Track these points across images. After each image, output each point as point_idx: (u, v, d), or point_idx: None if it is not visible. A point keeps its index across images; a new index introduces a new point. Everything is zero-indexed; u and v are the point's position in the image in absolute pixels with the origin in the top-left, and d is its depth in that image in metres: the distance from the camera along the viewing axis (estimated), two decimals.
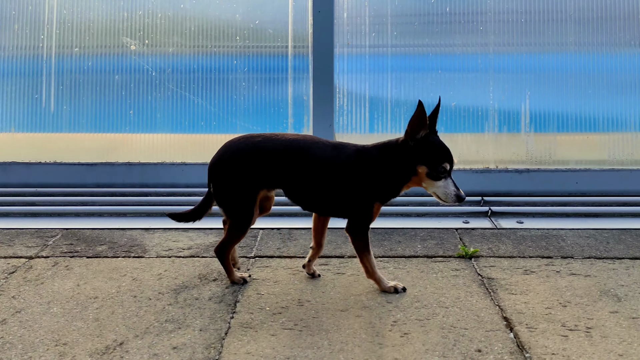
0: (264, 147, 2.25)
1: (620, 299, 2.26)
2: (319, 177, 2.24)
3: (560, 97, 3.46)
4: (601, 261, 2.64)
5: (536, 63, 3.47)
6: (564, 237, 2.94)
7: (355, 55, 3.47)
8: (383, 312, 2.14)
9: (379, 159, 2.24)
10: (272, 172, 2.24)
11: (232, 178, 2.24)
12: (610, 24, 3.45)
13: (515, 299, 2.26)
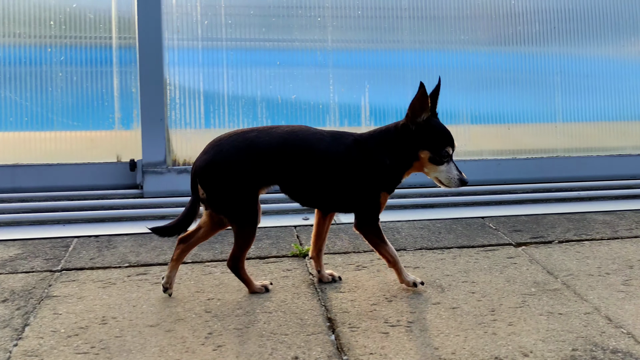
0: (259, 143, 2.06)
1: (444, 289, 2.27)
2: (321, 170, 2.09)
3: (399, 91, 3.50)
4: (431, 252, 2.66)
5: (375, 58, 3.48)
6: (400, 229, 2.95)
7: (187, 48, 3.24)
8: (199, 324, 1.95)
9: (379, 147, 2.12)
10: (270, 168, 2.07)
11: (230, 181, 2.03)
12: (443, 22, 3.55)
13: (342, 298, 2.18)
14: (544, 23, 3.65)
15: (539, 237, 2.84)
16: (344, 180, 2.12)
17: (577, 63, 3.71)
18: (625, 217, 3.14)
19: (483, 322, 2.01)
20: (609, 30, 3.74)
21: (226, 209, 2.07)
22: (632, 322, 2.02)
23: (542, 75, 3.66)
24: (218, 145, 2.07)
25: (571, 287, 2.31)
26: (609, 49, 3.76)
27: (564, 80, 3.68)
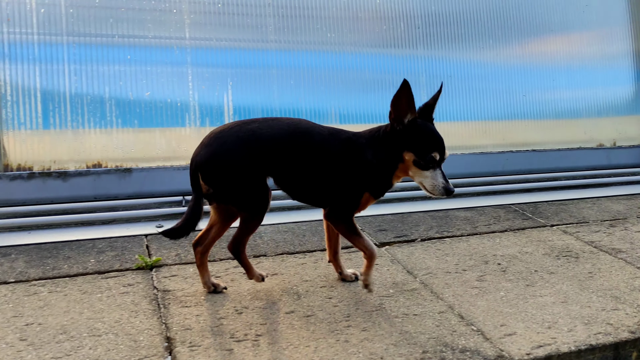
0: (261, 134, 2.01)
1: (301, 296, 2.14)
2: (316, 165, 2.05)
3: (264, 91, 3.35)
4: (293, 256, 2.53)
5: (238, 57, 3.30)
6: (263, 233, 2.80)
7: (21, 41, 2.87)
8: (8, 357, 1.66)
9: (368, 145, 2.07)
10: (269, 159, 2.02)
11: (236, 171, 1.97)
12: (309, 22, 3.45)
13: (187, 313, 1.98)
14: (409, 26, 3.67)
15: (403, 235, 2.81)
16: (333, 176, 2.07)
17: (441, 65, 3.78)
18: (484, 213, 3.21)
19: (337, 329, 1.90)
20: (470, 34, 3.85)
21: (235, 199, 2.01)
22: (482, 319, 2.00)
23: (408, 76, 3.68)
24: (219, 138, 2.01)
25: (429, 286, 2.27)
26: (470, 52, 3.87)
27: (429, 81, 3.73)
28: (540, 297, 2.20)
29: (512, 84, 3.97)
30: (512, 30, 3.97)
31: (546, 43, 4.10)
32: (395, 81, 3.64)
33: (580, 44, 4.19)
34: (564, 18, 4.12)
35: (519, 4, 3.98)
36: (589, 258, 2.60)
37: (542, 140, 4.03)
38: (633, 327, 1.98)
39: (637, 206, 3.43)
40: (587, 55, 4.22)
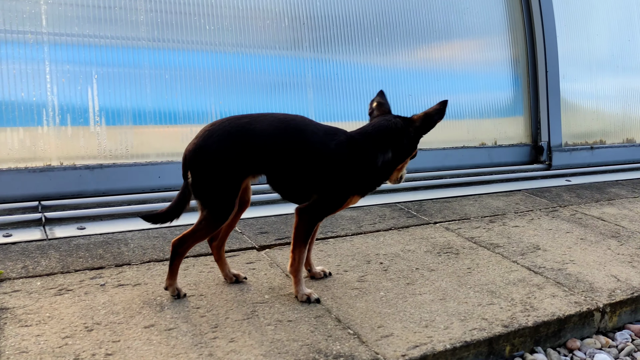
0: (253, 130, 1.96)
1: (164, 308, 1.93)
2: (309, 163, 1.98)
3: (134, 91, 3.08)
4: (161, 264, 2.31)
5: (101, 56, 3.01)
6: (129, 240, 2.55)
7: None
8: None
9: (372, 147, 2.04)
10: (261, 156, 1.97)
11: (217, 166, 1.93)
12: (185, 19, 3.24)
13: (26, 333, 1.71)
14: (296, 27, 3.56)
15: (285, 237, 2.67)
16: (325, 176, 2.00)
17: (329, 67, 3.70)
18: (370, 212, 3.16)
19: (202, 342, 1.72)
20: (358, 37, 3.81)
21: (204, 195, 1.96)
22: (360, 321, 1.91)
23: (294, 77, 3.57)
24: (209, 131, 1.97)
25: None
26: (358, 55, 3.82)
27: (315, 82, 3.63)
28: (419, 295, 2.15)
29: (399, 87, 3.98)
30: (401, 35, 3.98)
31: (432, 49, 4.17)
32: (280, 82, 3.51)
33: (463, 50, 4.30)
34: (448, 26, 4.19)
35: (407, 11, 4.00)
36: (468, 254, 2.60)
37: (428, 140, 4.07)
38: (507, 321, 1.97)
39: (515, 202, 3.54)
40: (470, 61, 4.34)
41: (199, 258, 2.39)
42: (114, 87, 3.03)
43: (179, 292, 2.02)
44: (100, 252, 2.38)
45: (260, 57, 3.47)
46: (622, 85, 4.99)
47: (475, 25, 4.35)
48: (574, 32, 4.74)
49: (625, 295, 2.23)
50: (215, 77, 3.32)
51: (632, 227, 3.09)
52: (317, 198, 2.03)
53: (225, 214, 1.97)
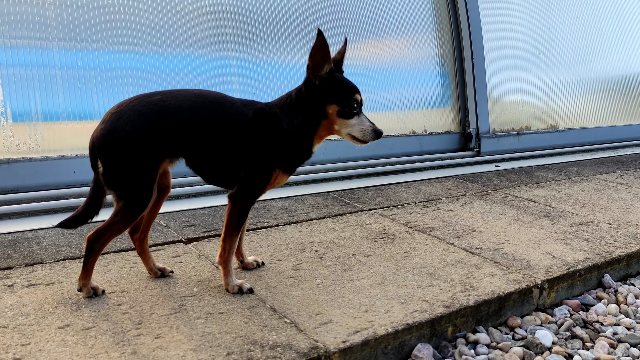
0: (167, 107, 1.78)
1: (81, 307, 1.74)
2: (228, 139, 1.83)
3: (46, 91, 2.83)
4: (77, 262, 2.10)
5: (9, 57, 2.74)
6: (41, 238, 2.32)
7: None
8: None
9: (282, 115, 1.88)
10: (177, 136, 1.79)
11: (130, 152, 1.72)
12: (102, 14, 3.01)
13: None
14: (220, 25, 3.40)
15: (214, 230, 2.52)
16: (244, 151, 1.85)
17: (254, 66, 3.55)
18: (303, 202, 3.05)
19: (124, 340, 1.55)
20: (285, 35, 3.69)
21: (118, 184, 1.75)
22: (297, 310, 1.79)
23: (219, 77, 3.39)
24: (117, 113, 1.76)
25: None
26: (285, 54, 3.71)
27: (241, 82, 3.48)
28: (357, 280, 2.06)
29: None
30: (332, 32, 3.90)
31: (363, 46, 4.12)
32: (203, 82, 3.33)
33: (394, 47, 4.29)
34: (377, 24, 4.16)
35: (338, 8, 3.93)
36: (404, 238, 2.55)
37: None
38: (447, 302, 1.92)
39: (448, 188, 3.54)
40: (400, 58, 4.33)
41: (120, 254, 2.20)
42: (21, 86, 2.76)
43: (96, 291, 1.83)
44: (9, 251, 2.15)
45: (182, 56, 3.28)
46: (545, 76, 5.16)
47: (405, 23, 4.36)
48: (498, 26, 4.84)
49: (561, 271, 2.23)
50: (135, 77, 3.09)
51: (561, 207, 3.15)
52: (243, 178, 1.87)
53: (143, 203, 1.78)
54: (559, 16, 5.32)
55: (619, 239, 2.61)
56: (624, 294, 2.25)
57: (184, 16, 3.28)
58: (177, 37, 3.24)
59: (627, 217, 2.98)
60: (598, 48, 5.59)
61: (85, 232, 2.39)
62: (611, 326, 2.04)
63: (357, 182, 3.56)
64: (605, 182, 3.81)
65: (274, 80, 3.62)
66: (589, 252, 2.42)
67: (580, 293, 2.27)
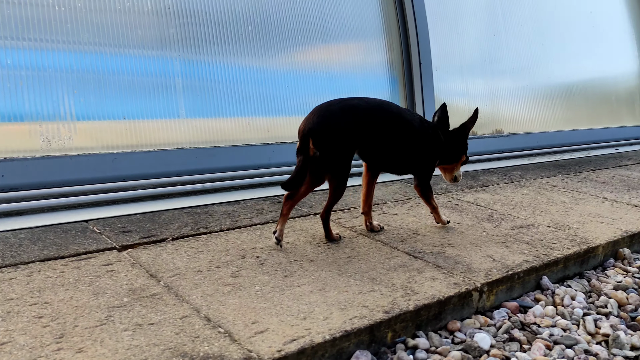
0: (360, 108, 2.33)
1: None
2: (403, 138, 2.46)
3: None
4: None
5: None
6: None
7: None
8: None
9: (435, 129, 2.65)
10: (365, 130, 2.34)
11: (339, 141, 2.26)
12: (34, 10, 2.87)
13: None
14: (164, 25, 3.30)
15: (151, 236, 2.43)
16: (417, 148, 2.54)
17: (198, 68, 3.46)
18: (247, 206, 2.99)
19: (42, 355, 1.45)
20: (235, 37, 3.62)
21: (332, 166, 2.30)
22: (232, 319, 1.73)
23: (161, 78, 3.29)
24: (328, 110, 2.29)
25: (174, 289, 1.93)
26: (235, 56, 3.64)
27: (185, 81, 3.38)
28: (298, 287, 2.01)
29: (278, 89, 3.84)
30: (280, 36, 3.85)
31: (311, 52, 4.09)
32: (145, 84, 3.21)
33: (342, 53, 4.27)
34: (327, 29, 4.14)
35: (287, 12, 3.88)
36: (349, 243, 2.52)
37: (289, 134, 3.99)
38: (387, 307, 1.89)
39: (395, 191, 3.54)
40: (349, 63, 4.32)
41: (47, 262, 2.08)
42: None
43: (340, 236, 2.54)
44: None
45: (121, 56, 3.16)
46: (491, 83, 5.25)
47: (354, 29, 4.35)
48: (446, 33, 4.91)
49: (500, 274, 2.24)
50: (70, 77, 2.95)
51: (504, 210, 3.19)
52: (419, 171, 2.67)
53: (346, 179, 2.37)
54: (505, 26, 5.44)
55: (557, 241, 2.65)
56: (561, 296, 2.28)
57: (124, 15, 3.17)
58: (116, 37, 3.12)
59: (566, 219, 3.04)
60: (541, 58, 5.75)
61: None
62: (548, 328, 2.05)
63: None
64: (547, 186, 3.90)
65: (219, 82, 3.54)
66: (528, 255, 2.45)
67: (520, 295, 2.29)
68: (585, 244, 2.63)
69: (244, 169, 3.45)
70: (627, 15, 6.93)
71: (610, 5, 6.77)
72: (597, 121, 6.30)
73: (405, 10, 4.58)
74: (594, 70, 6.37)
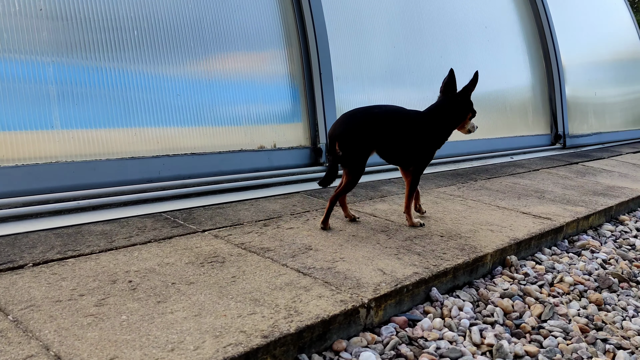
0: (378, 115, 2.80)
1: None
2: (408, 135, 2.88)
3: None
4: None
5: None
6: None
7: None
8: None
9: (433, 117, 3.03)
10: (382, 134, 2.78)
11: (361, 143, 2.75)
12: None
13: None
14: (69, 30, 3.02)
15: (7, 262, 2.16)
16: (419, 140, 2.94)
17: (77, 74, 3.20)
18: (128, 225, 2.76)
19: None
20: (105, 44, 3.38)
21: (350, 163, 2.78)
22: (87, 356, 1.53)
23: (33, 84, 3.00)
24: (352, 118, 2.77)
25: (23, 323, 1.70)
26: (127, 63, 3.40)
27: (61, 89, 3.10)
28: (171, 313, 1.84)
29: (169, 96, 3.64)
30: (175, 43, 3.65)
31: (212, 60, 3.91)
32: (50, 92, 2.92)
33: (243, 62, 4.13)
34: (225, 38, 3.99)
35: (179, 18, 3.69)
36: (235, 261, 2.37)
37: (203, 144, 3.81)
38: (267, 331, 1.76)
39: (292, 204, 3.43)
40: (249, 74, 4.19)
41: None
42: None
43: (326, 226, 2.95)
44: None
45: (25, 63, 2.86)
46: (392, 94, 5.30)
47: (253, 39, 4.21)
48: (347, 44, 4.90)
49: (389, 287, 2.18)
50: None
51: (399, 221, 3.16)
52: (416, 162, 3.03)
53: (361, 175, 2.83)
54: (405, 37, 5.53)
55: (448, 251, 2.64)
56: (449, 307, 2.25)
57: (18, 19, 2.86)
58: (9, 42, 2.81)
59: (459, 228, 3.05)
60: (440, 69, 5.89)
61: None
62: (435, 341, 2.01)
63: (198, 200, 3.33)
64: (444, 195, 3.94)
65: (101, 89, 3.28)
66: (419, 267, 2.41)
67: (409, 308, 2.24)
68: (474, 253, 2.63)
69: (129, 183, 3.21)
70: (520, 30, 7.29)
71: (503, 21, 7.09)
72: (494, 131, 6.54)
73: (305, 21, 4.52)
74: (491, 83, 6.62)
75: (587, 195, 4.27)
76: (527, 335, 2.18)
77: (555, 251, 3.19)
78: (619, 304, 2.64)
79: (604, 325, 2.38)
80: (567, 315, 2.41)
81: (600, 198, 4.21)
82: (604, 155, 7.01)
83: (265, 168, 4.12)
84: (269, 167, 4.16)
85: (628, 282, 2.92)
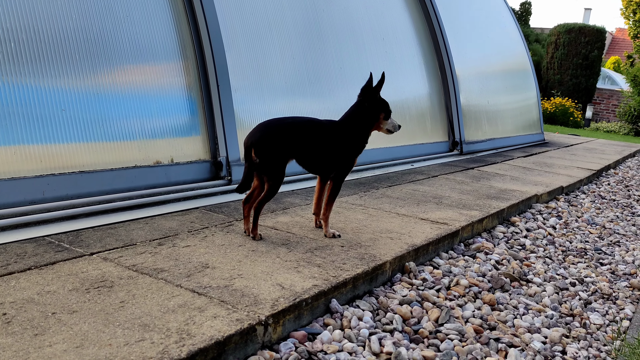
0: (292, 126, 2.89)
1: None
2: (324, 144, 2.96)
3: None
4: None
5: None
6: None
7: None
8: None
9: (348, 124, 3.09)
10: (296, 143, 2.87)
11: (276, 151, 2.80)
12: None
13: None
14: None
15: None
16: (336, 149, 3.02)
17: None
18: (5, 252, 2.52)
19: None
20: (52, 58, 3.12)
21: (268, 171, 2.83)
22: None
23: None
24: (267, 127, 2.83)
25: None
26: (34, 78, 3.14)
27: None
28: (49, 347, 1.68)
29: (53, 110, 3.41)
30: (57, 55, 3.42)
31: (99, 73, 3.70)
32: None
33: (134, 75, 3.95)
34: (114, 50, 3.79)
35: (61, 27, 3.46)
36: (125, 285, 2.23)
37: (93, 161, 3.59)
38: (156, 358, 1.65)
39: (190, 221, 3.31)
40: (143, 86, 4.01)
41: None
42: None
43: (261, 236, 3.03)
44: None
45: None
46: (292, 104, 5.31)
47: (145, 51, 4.04)
48: (245, 54, 4.85)
49: (288, 302, 2.14)
50: None
51: (301, 233, 3.13)
52: (337, 169, 3.07)
53: (280, 182, 2.87)
54: (305, 50, 5.56)
55: (348, 261, 2.65)
56: (349, 318, 2.24)
57: None
58: None
59: (359, 238, 3.08)
60: (341, 81, 5.98)
61: None
62: (334, 353, 1.99)
63: (86, 221, 3.12)
64: (346, 204, 3.97)
65: None
66: (318, 279, 2.39)
67: (309, 322, 2.21)
68: (373, 262, 2.66)
69: (8, 206, 2.95)
70: (417, 43, 7.59)
71: (400, 34, 7.34)
72: (395, 140, 6.72)
73: (200, 33, 4.42)
74: (390, 93, 6.82)
75: (481, 199, 4.48)
76: (425, 340, 2.22)
77: (452, 255, 3.30)
78: (510, 303, 2.77)
79: (497, 325, 2.48)
80: (462, 317, 2.48)
81: (494, 201, 4.43)
82: (497, 160, 7.41)
83: (162, 184, 3.96)
84: (166, 183, 4.00)
85: (519, 281, 3.07)
